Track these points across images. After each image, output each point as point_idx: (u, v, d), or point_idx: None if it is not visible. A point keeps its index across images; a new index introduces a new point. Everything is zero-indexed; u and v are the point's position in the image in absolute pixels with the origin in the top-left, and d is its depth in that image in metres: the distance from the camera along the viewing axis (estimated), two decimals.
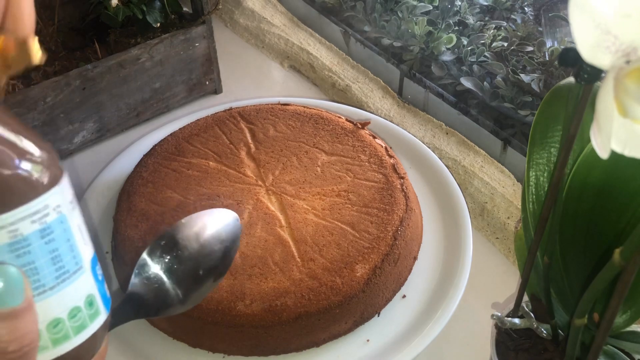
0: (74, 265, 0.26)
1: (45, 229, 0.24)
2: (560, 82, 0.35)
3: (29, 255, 0.24)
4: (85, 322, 0.27)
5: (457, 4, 0.76)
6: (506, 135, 0.64)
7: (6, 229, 0.23)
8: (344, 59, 0.81)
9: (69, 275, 0.26)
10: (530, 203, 0.38)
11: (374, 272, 0.49)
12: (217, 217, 0.37)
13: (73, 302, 0.26)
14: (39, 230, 0.24)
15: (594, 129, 0.23)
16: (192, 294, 0.33)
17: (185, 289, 0.33)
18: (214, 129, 0.63)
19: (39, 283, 0.25)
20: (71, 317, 0.26)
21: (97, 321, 0.27)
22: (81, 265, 0.26)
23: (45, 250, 0.25)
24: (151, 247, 0.34)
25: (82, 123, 0.68)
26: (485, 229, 0.61)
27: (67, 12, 0.70)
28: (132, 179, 0.58)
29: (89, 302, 0.27)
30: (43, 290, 0.25)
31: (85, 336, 0.27)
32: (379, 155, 0.58)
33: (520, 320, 0.41)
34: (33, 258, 0.24)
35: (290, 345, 0.49)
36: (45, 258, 0.25)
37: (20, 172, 0.23)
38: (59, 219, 0.25)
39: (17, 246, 0.24)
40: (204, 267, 0.34)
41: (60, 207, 0.25)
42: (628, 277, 0.29)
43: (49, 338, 0.25)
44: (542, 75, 0.65)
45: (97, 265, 0.28)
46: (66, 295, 0.26)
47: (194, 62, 0.74)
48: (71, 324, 0.26)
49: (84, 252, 0.27)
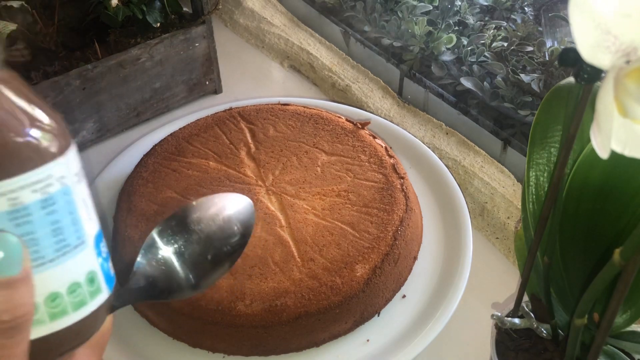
0: (75, 240, 0.25)
1: (47, 200, 0.24)
2: (560, 82, 0.35)
3: (29, 225, 0.23)
4: (85, 299, 0.26)
5: (457, 4, 0.76)
6: (506, 135, 0.64)
7: (6, 196, 0.22)
8: (344, 59, 0.81)
9: (70, 249, 0.25)
10: (530, 203, 0.38)
11: (374, 272, 0.49)
12: (232, 200, 0.35)
13: (73, 277, 0.25)
14: (40, 200, 0.23)
15: (594, 129, 0.23)
16: (204, 278, 0.32)
17: (197, 272, 0.31)
18: (214, 129, 0.63)
19: (38, 254, 0.24)
20: (70, 292, 0.25)
21: (98, 299, 0.27)
22: (84, 240, 0.26)
23: (46, 222, 0.24)
24: (161, 227, 0.32)
25: (82, 123, 0.68)
26: (485, 229, 0.61)
27: (67, 12, 0.70)
28: (132, 179, 0.58)
29: (90, 279, 0.26)
30: (42, 262, 0.24)
31: (85, 313, 0.26)
32: (379, 155, 0.58)
33: (520, 320, 0.41)
34: (33, 228, 0.23)
35: (290, 345, 0.49)
36: (45, 229, 0.24)
37: (23, 139, 0.23)
38: (62, 190, 0.24)
39: (17, 215, 0.23)
40: (220, 251, 0.32)
41: (64, 179, 0.24)
42: (628, 277, 0.29)
43: (46, 312, 0.25)
44: (542, 75, 0.65)
45: (101, 242, 0.27)
46: (66, 269, 0.25)
47: (194, 62, 0.74)
48: (70, 300, 0.25)
49: (87, 227, 0.26)
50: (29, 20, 0.66)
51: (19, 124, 0.23)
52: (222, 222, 0.33)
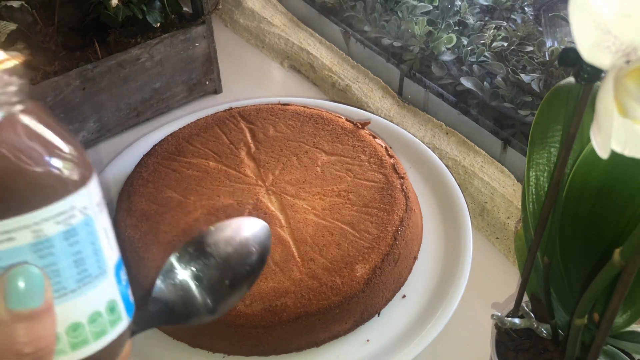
0: (97, 269, 0.25)
1: (69, 231, 0.24)
2: (560, 82, 0.35)
3: (52, 256, 0.23)
4: (106, 328, 0.26)
5: (457, 4, 0.76)
6: (506, 135, 0.64)
7: (30, 228, 0.23)
8: (344, 59, 0.81)
9: (91, 279, 0.25)
10: (530, 203, 0.38)
11: (374, 272, 0.49)
12: (248, 224, 0.36)
13: (94, 307, 0.25)
14: (63, 232, 0.24)
15: (594, 129, 0.23)
16: (222, 302, 0.32)
17: (215, 297, 0.32)
18: (214, 129, 0.63)
19: (60, 285, 0.24)
20: (91, 321, 0.25)
21: (119, 327, 0.27)
22: (104, 269, 0.26)
23: (69, 253, 0.24)
24: (179, 253, 0.33)
25: (82, 123, 0.68)
26: (485, 229, 0.61)
27: (67, 12, 0.70)
28: (132, 179, 0.58)
29: (111, 308, 0.26)
30: (64, 293, 0.24)
31: (105, 342, 0.26)
32: (379, 155, 0.58)
33: (520, 320, 0.41)
34: (55, 260, 0.24)
35: (290, 345, 0.49)
36: (68, 260, 0.24)
37: (48, 172, 0.23)
38: (84, 221, 0.24)
39: (40, 247, 0.23)
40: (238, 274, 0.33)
41: (86, 209, 0.25)
42: (628, 277, 0.29)
43: (67, 342, 0.25)
44: (542, 75, 0.65)
45: (121, 269, 0.27)
46: (87, 299, 0.25)
47: (194, 62, 0.74)
48: (91, 329, 0.25)
49: (108, 257, 0.26)
50: (29, 20, 0.66)
51: (44, 156, 0.23)
52: (238, 246, 0.34)
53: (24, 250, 0.23)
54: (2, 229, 0.22)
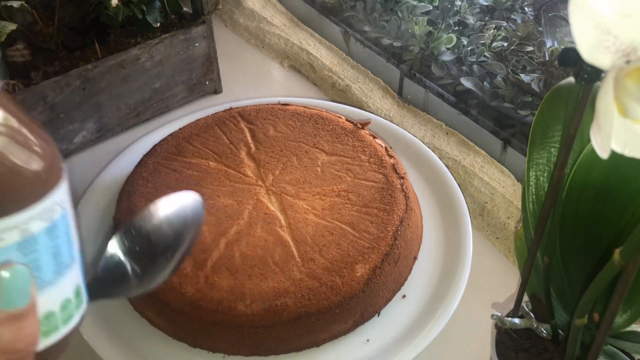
0: (69, 258, 0.26)
1: (51, 226, 0.24)
2: (560, 82, 0.35)
3: (35, 253, 0.24)
4: (73, 312, 0.26)
5: (457, 4, 0.76)
6: (506, 135, 0.64)
7: (18, 228, 0.23)
8: (344, 59, 0.81)
9: (64, 268, 0.25)
10: (530, 203, 0.38)
11: (374, 272, 0.49)
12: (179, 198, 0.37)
13: (65, 294, 0.26)
14: (46, 227, 0.24)
15: (594, 129, 0.23)
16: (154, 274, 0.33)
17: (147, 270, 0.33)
18: (214, 129, 0.63)
19: (40, 279, 0.24)
20: (63, 308, 0.26)
21: (82, 310, 0.27)
22: (75, 256, 0.26)
23: (49, 246, 0.24)
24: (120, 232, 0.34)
25: (82, 123, 0.68)
26: (485, 229, 0.61)
27: (67, 12, 0.70)
28: (132, 179, 0.58)
29: (77, 292, 0.26)
30: (43, 285, 0.24)
31: (72, 326, 0.26)
32: (379, 155, 0.58)
33: (520, 320, 0.41)
34: (38, 255, 0.24)
35: (290, 345, 0.49)
36: (48, 254, 0.24)
37: (35, 170, 0.23)
38: (62, 214, 0.25)
39: (26, 244, 0.23)
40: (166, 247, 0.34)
41: (64, 202, 0.25)
42: (628, 277, 0.29)
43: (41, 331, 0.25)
44: (542, 75, 0.65)
45: (81, 251, 0.28)
46: (61, 288, 0.25)
47: (194, 62, 0.74)
48: (61, 316, 0.26)
49: (75, 243, 0.26)
50: (29, 20, 0.66)
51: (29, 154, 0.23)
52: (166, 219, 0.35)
53: (10, 249, 0.23)
54: None
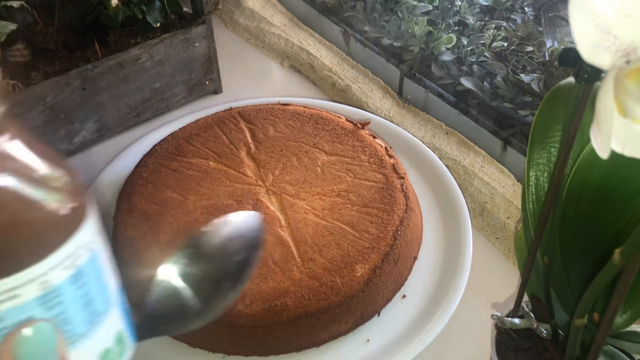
0: (104, 305, 0.23)
1: (77, 274, 0.21)
2: (560, 82, 0.35)
3: (61, 305, 0.21)
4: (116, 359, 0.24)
5: (457, 4, 0.76)
6: (506, 135, 0.64)
7: (36, 281, 0.20)
8: (344, 59, 0.81)
9: (100, 317, 0.23)
10: (530, 203, 0.38)
11: (374, 272, 0.49)
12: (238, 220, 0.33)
13: (104, 344, 0.23)
14: (71, 276, 0.21)
15: (594, 129, 0.23)
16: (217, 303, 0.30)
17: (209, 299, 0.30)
18: (214, 129, 0.63)
19: (70, 333, 0.21)
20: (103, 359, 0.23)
21: (125, 356, 0.25)
22: (111, 302, 0.24)
23: (77, 296, 0.21)
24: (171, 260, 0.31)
25: (82, 123, 0.68)
26: (485, 229, 0.61)
27: (67, 12, 0.70)
28: (132, 179, 0.58)
29: (119, 340, 0.24)
30: (75, 339, 0.22)
31: None
32: (379, 155, 0.58)
33: (520, 320, 0.41)
34: (65, 308, 0.21)
35: (290, 345, 0.49)
36: (77, 305, 0.21)
37: (52, 213, 0.19)
38: (90, 257, 0.22)
39: (48, 298, 0.20)
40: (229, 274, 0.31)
41: (92, 244, 0.22)
42: (628, 277, 0.29)
43: None
44: (542, 75, 0.65)
45: (122, 293, 0.25)
46: (98, 338, 0.23)
47: (194, 62, 0.74)
48: None
49: (112, 287, 0.24)
50: (29, 20, 0.66)
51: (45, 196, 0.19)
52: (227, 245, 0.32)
53: (30, 305, 0.20)
54: (2, 288, 0.19)
